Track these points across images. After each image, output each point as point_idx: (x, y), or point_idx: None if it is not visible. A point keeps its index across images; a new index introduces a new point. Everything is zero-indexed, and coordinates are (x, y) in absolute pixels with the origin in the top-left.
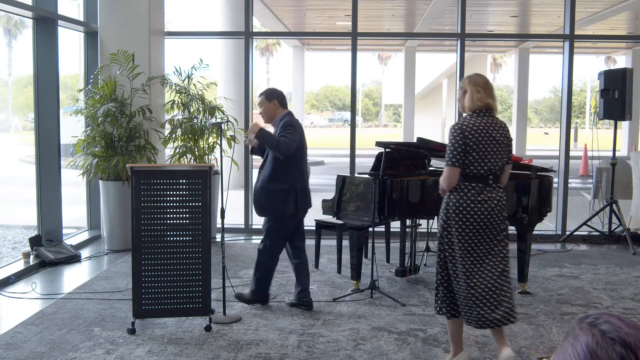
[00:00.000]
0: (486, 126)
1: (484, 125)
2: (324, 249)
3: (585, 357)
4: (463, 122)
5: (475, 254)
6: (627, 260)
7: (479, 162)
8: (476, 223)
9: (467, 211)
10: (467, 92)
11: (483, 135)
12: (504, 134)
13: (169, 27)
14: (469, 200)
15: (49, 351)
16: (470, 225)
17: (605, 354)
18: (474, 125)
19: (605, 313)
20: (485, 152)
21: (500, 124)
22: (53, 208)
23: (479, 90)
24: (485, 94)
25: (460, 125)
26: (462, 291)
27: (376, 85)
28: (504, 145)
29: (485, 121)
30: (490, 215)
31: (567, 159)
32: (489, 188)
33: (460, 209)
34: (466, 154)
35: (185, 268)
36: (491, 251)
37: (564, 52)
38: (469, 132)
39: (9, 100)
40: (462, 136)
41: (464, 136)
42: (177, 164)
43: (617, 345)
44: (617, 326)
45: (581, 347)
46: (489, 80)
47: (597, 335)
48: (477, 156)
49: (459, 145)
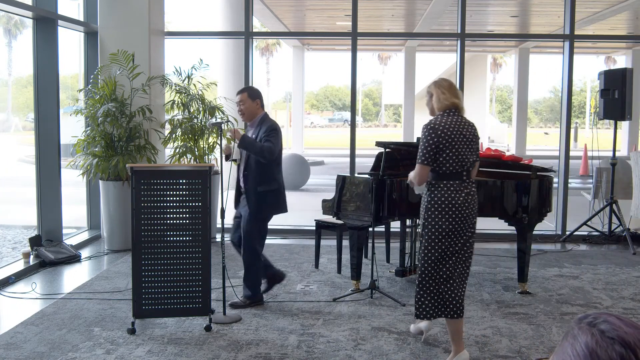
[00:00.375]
0: (456, 125)
1: (454, 123)
2: (324, 249)
3: (585, 356)
4: (435, 122)
5: (450, 248)
6: (627, 260)
7: (454, 159)
8: (457, 217)
9: (449, 208)
10: (434, 94)
11: (455, 133)
12: (472, 132)
13: (169, 27)
14: (448, 198)
15: (49, 351)
16: (451, 220)
17: (605, 353)
18: (445, 123)
19: (604, 313)
20: (458, 149)
21: (468, 122)
22: (53, 208)
23: (444, 91)
24: (450, 94)
25: (433, 125)
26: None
27: (376, 85)
28: (473, 143)
29: (455, 120)
30: (467, 209)
31: (567, 159)
32: (464, 184)
33: (443, 206)
34: (439, 152)
35: (185, 268)
36: (463, 247)
37: (564, 52)
38: (442, 130)
39: (9, 100)
40: (434, 135)
41: (436, 135)
42: (177, 164)
43: (617, 345)
44: (617, 325)
45: (581, 346)
46: (453, 83)
47: (597, 334)
48: (451, 154)
49: (432, 143)
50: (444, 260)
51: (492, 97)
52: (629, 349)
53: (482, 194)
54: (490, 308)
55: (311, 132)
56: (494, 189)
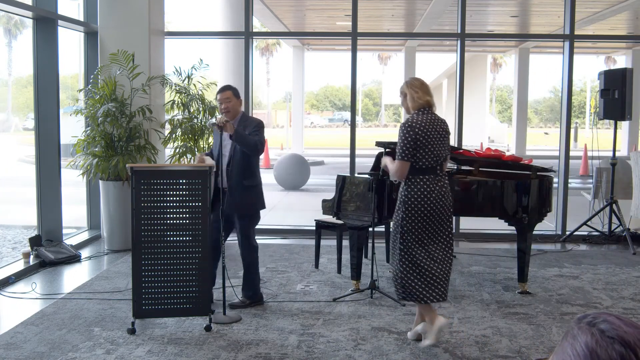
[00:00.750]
0: (431, 122)
1: (429, 121)
2: (324, 249)
3: (585, 356)
4: (412, 120)
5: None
6: (627, 260)
7: (429, 154)
8: (431, 209)
9: (424, 201)
10: (407, 94)
11: (430, 130)
12: (445, 129)
13: (169, 27)
14: (425, 192)
15: (49, 351)
16: (427, 212)
17: (605, 353)
18: (421, 121)
19: (604, 312)
20: (433, 145)
21: (441, 119)
22: (53, 208)
23: (417, 90)
24: (423, 92)
25: (410, 123)
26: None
27: (376, 85)
28: (445, 139)
29: (429, 117)
30: (442, 201)
31: (567, 159)
32: (437, 177)
33: (419, 200)
34: (417, 149)
35: (185, 268)
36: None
37: (564, 52)
38: (419, 128)
39: (9, 100)
40: (412, 132)
41: (414, 132)
42: (177, 164)
43: (617, 344)
44: (616, 325)
45: (580, 346)
46: (424, 81)
47: (597, 334)
48: (427, 149)
49: (411, 141)
50: (422, 248)
51: (492, 97)
52: (629, 348)
53: (482, 194)
54: (490, 308)
55: (311, 132)
56: (494, 189)
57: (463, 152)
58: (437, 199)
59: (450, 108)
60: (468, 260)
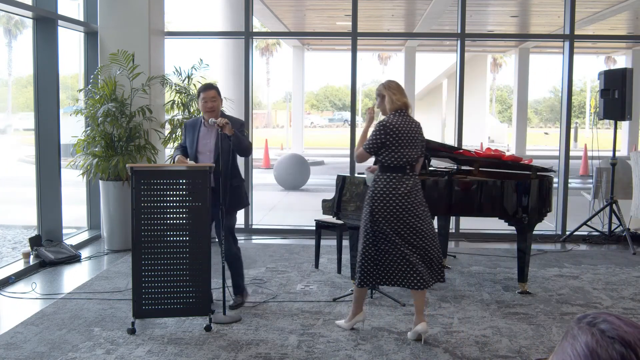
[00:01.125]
0: (405, 124)
1: (403, 123)
2: (324, 249)
3: (585, 356)
4: (387, 121)
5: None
6: (627, 260)
7: (398, 154)
8: (398, 206)
9: (390, 197)
10: (385, 96)
11: (402, 132)
12: (418, 131)
13: (169, 27)
14: (391, 188)
15: (49, 351)
16: (394, 208)
17: (605, 352)
18: (395, 123)
19: (604, 312)
20: (404, 146)
21: (415, 122)
22: (53, 208)
23: (395, 92)
24: (400, 94)
25: (385, 123)
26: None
27: (376, 85)
28: (419, 141)
29: (404, 120)
30: (409, 198)
31: (567, 159)
32: (406, 177)
33: (385, 195)
34: (385, 148)
35: (185, 268)
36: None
37: (564, 52)
38: (391, 129)
39: (9, 100)
40: (384, 133)
41: (385, 133)
42: (177, 164)
43: (617, 344)
44: (616, 325)
45: (581, 346)
46: (399, 84)
47: (597, 334)
48: (396, 150)
49: (379, 139)
50: (382, 239)
51: (492, 97)
52: (630, 348)
53: (482, 194)
54: (490, 308)
55: (311, 132)
56: (494, 189)
57: (463, 152)
58: (403, 196)
59: (450, 108)
60: (468, 260)
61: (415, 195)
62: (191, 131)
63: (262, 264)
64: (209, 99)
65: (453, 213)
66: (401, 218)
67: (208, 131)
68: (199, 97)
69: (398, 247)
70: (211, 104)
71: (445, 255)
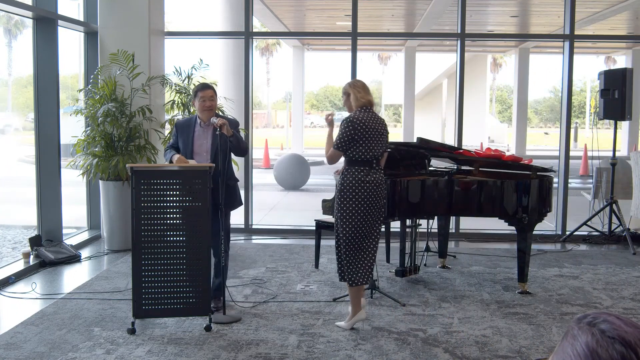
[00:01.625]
0: (370, 120)
1: (369, 118)
2: (324, 249)
3: (585, 356)
4: (353, 117)
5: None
6: (627, 260)
7: (365, 149)
8: (366, 196)
9: (358, 189)
10: (351, 94)
11: (368, 127)
12: (384, 127)
13: (169, 27)
14: (359, 181)
15: (49, 351)
16: (363, 197)
17: (605, 352)
18: (361, 119)
19: (604, 312)
20: (370, 140)
21: (380, 118)
22: (53, 208)
23: (360, 90)
24: (365, 92)
25: (352, 119)
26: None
27: (376, 85)
28: (384, 136)
29: (369, 116)
30: (375, 192)
31: (567, 159)
32: (372, 170)
33: (354, 185)
34: (354, 142)
35: (185, 268)
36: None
37: (564, 52)
38: (358, 124)
39: (9, 100)
40: (352, 128)
41: (353, 128)
42: (178, 164)
43: (617, 344)
44: (616, 325)
45: (581, 346)
46: (365, 83)
47: (597, 334)
48: (364, 144)
49: (348, 135)
50: (357, 233)
51: (492, 97)
52: (630, 348)
53: (482, 194)
54: (490, 308)
55: (311, 132)
56: (494, 189)
57: (463, 152)
58: (370, 189)
59: (450, 108)
60: (468, 260)
61: (382, 189)
62: (185, 131)
63: (262, 264)
64: (207, 98)
65: (453, 213)
66: (368, 208)
67: (204, 131)
68: (196, 95)
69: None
70: (209, 103)
71: (445, 255)
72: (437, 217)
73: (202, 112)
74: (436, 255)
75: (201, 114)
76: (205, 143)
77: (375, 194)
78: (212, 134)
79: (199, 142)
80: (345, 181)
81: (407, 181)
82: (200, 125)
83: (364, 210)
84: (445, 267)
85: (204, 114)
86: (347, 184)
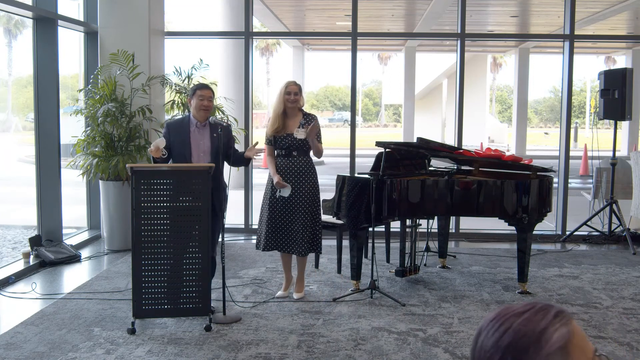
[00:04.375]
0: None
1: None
2: (324, 249)
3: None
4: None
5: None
6: (627, 260)
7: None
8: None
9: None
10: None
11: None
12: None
13: (169, 27)
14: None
15: (49, 351)
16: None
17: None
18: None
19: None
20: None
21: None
22: (53, 208)
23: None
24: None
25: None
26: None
27: (376, 85)
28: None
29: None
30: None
31: (567, 159)
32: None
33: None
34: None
35: (185, 268)
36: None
37: (564, 52)
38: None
39: (9, 100)
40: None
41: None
42: (177, 164)
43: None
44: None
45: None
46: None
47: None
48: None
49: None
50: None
51: (492, 97)
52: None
53: (482, 194)
54: (490, 308)
55: None
56: (494, 189)
57: (463, 152)
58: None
59: (450, 108)
60: (468, 260)
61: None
62: (178, 132)
63: (262, 264)
64: (206, 97)
65: (453, 213)
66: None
67: (200, 132)
68: (195, 93)
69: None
70: (207, 103)
71: (445, 255)
72: (437, 217)
73: (198, 110)
74: (436, 255)
75: (197, 113)
76: (202, 143)
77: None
78: (209, 135)
79: (196, 142)
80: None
81: (407, 181)
82: (197, 126)
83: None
84: (445, 267)
85: (200, 113)
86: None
